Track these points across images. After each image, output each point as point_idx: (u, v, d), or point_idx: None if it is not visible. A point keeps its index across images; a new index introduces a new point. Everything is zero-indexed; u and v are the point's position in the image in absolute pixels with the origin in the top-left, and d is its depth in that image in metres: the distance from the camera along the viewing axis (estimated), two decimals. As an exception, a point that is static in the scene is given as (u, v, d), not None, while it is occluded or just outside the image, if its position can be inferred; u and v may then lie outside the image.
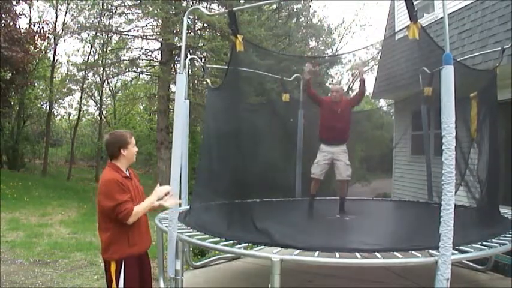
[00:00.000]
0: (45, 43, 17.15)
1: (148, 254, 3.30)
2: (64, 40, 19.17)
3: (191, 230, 3.92)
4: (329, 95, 5.78)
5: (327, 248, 3.25)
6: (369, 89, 12.42)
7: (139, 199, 3.14)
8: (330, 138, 5.43)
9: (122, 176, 2.99)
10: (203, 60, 14.06)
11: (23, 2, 15.45)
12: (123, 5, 14.11)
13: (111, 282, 2.97)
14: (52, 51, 18.59)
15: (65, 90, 17.15)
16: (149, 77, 18.49)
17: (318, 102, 5.66)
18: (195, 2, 14.42)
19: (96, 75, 18.90)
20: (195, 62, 12.92)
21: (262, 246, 3.52)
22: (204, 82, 10.33)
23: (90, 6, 14.48)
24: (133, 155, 3.10)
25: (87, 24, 14.74)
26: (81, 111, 22.02)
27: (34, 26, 15.80)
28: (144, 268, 3.17)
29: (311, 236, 4.01)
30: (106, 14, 14.67)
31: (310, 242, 3.48)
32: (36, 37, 15.44)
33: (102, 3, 14.26)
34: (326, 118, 5.48)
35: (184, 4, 13.79)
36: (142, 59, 16.16)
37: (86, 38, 18.84)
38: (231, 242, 3.54)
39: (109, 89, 22.97)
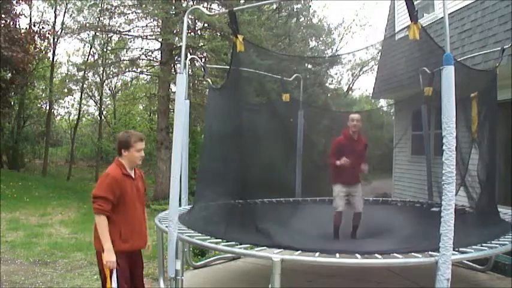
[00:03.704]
0: (45, 43, 17.16)
1: (142, 256, 3.31)
2: (64, 40, 19.18)
3: (191, 230, 3.91)
4: (349, 123, 5.07)
5: (328, 251, 3.25)
6: (369, 89, 12.42)
7: (139, 200, 3.20)
8: (345, 181, 5.06)
9: (123, 174, 3.10)
10: (203, 60, 14.06)
11: (23, 2, 15.45)
12: (123, 5, 14.10)
13: (104, 275, 3.00)
14: (52, 51, 18.60)
15: (65, 90, 17.12)
16: (149, 77, 18.48)
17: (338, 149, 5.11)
18: (195, 2, 14.42)
19: (96, 75, 18.90)
20: (195, 62, 12.91)
21: (263, 247, 3.52)
22: (204, 82, 10.34)
23: (88, 6, 14.45)
24: (135, 158, 3.19)
25: (87, 24, 14.73)
26: (81, 111, 22.01)
27: (34, 26, 15.83)
28: (136, 267, 3.21)
29: (312, 237, 4.00)
30: (106, 14, 14.66)
31: (311, 244, 3.47)
32: (36, 37, 15.45)
33: (102, 3, 14.24)
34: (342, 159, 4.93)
35: (184, 4, 13.80)
36: (142, 59, 16.17)
37: (86, 38, 18.84)
38: (232, 242, 3.53)
39: (109, 89, 22.95)
